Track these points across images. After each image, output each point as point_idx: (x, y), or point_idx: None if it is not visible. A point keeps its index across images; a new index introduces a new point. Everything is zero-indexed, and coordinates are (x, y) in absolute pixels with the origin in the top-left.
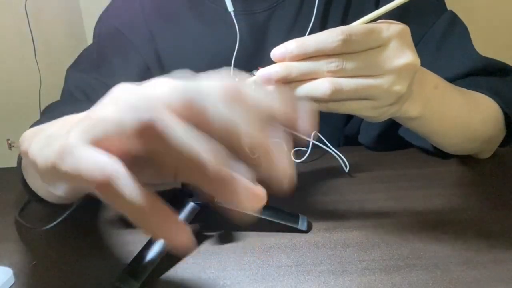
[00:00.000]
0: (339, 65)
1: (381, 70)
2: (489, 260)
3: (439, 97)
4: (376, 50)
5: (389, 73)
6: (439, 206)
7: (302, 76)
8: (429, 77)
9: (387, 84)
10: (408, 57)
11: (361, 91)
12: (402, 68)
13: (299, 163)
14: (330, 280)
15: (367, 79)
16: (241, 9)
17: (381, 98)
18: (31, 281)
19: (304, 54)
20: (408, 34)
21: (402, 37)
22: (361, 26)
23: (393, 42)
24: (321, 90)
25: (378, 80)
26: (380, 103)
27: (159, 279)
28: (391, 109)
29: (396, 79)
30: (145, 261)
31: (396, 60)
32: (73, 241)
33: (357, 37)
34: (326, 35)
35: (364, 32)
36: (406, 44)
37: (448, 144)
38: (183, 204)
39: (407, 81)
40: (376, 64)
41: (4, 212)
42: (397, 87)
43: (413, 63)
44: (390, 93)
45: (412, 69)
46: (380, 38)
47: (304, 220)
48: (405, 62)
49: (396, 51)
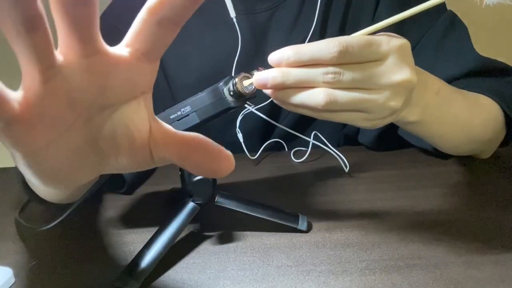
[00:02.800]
0: (335, 77)
1: (377, 85)
2: (489, 260)
3: (440, 102)
4: (374, 64)
5: (385, 89)
6: (439, 206)
7: (299, 84)
8: (431, 82)
9: (382, 99)
10: (406, 73)
11: (356, 104)
12: (399, 85)
13: (299, 163)
14: (330, 280)
15: (362, 93)
16: (242, 9)
17: (375, 112)
18: (31, 281)
19: (301, 61)
20: (408, 49)
21: (402, 52)
22: (360, 37)
23: (392, 57)
24: (315, 100)
25: (373, 94)
26: (374, 116)
27: (159, 279)
28: (384, 121)
29: (391, 95)
30: (145, 261)
31: (393, 76)
32: (73, 241)
33: (355, 49)
34: (324, 45)
35: (362, 45)
36: (405, 60)
37: (448, 145)
38: (183, 204)
39: (403, 97)
40: (373, 78)
41: (4, 212)
42: (392, 102)
43: (410, 80)
44: (385, 108)
45: (409, 86)
46: (378, 51)
47: (304, 220)
48: (402, 79)
49: (394, 66)
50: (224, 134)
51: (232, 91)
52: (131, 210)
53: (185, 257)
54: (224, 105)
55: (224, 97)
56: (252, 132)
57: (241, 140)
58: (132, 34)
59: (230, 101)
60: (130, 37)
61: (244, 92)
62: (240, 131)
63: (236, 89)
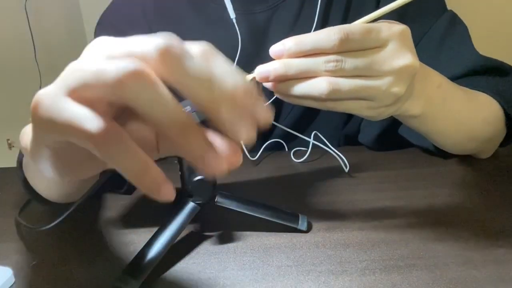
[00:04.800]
0: (337, 65)
1: (379, 71)
2: (489, 260)
3: (442, 96)
4: (375, 51)
5: (388, 75)
6: (439, 206)
7: (300, 74)
8: (433, 76)
9: (385, 85)
10: (408, 58)
11: (359, 92)
12: (401, 70)
13: (299, 163)
14: (330, 280)
15: (365, 80)
16: (242, 9)
17: (379, 99)
18: (31, 281)
19: (302, 51)
20: (408, 35)
21: (402, 38)
22: (360, 25)
23: (393, 43)
24: (318, 90)
25: (376, 81)
26: (378, 104)
27: (159, 279)
28: (389, 109)
29: (394, 81)
30: (145, 261)
31: (395, 62)
32: (73, 241)
33: (355, 37)
34: (324, 34)
35: (363, 32)
36: (406, 45)
37: (449, 143)
38: (183, 204)
39: (406, 83)
40: (375, 64)
41: (4, 212)
42: (395, 88)
43: (412, 65)
44: (388, 95)
45: (411, 71)
46: (379, 38)
47: (304, 220)
48: (404, 64)
49: (395, 52)
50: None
51: None
52: (131, 210)
53: (185, 257)
54: None
55: None
56: None
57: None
58: None
59: None
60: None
61: None
62: None
63: None
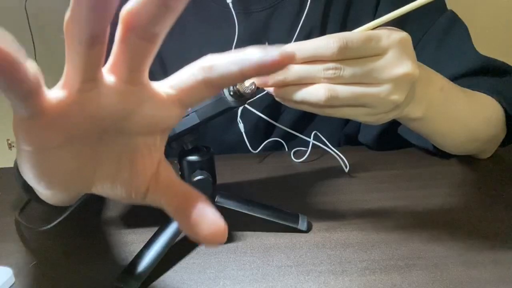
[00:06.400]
0: (336, 73)
1: (378, 79)
2: (489, 260)
3: (443, 99)
4: (375, 59)
5: (387, 82)
6: (439, 206)
7: (299, 80)
8: (435, 79)
9: (384, 93)
10: (407, 66)
11: (357, 99)
12: (400, 78)
13: (299, 163)
14: (330, 280)
15: (363, 87)
16: (241, 8)
17: (377, 106)
18: (31, 281)
19: (301, 58)
20: (408, 42)
21: (402, 46)
22: (360, 33)
23: (392, 51)
24: (316, 96)
25: (375, 88)
26: (377, 111)
27: (159, 279)
28: (388, 115)
29: (393, 89)
30: (145, 261)
31: (394, 70)
32: (73, 241)
33: (355, 45)
34: (323, 42)
35: (362, 40)
36: (406, 53)
37: (450, 144)
38: None
39: (405, 91)
40: (374, 72)
41: (4, 212)
42: (394, 96)
43: (411, 73)
44: (387, 102)
45: (411, 79)
46: (378, 46)
47: (304, 220)
48: (403, 72)
49: (395, 60)
50: (224, 133)
51: (232, 91)
52: (131, 210)
53: (185, 257)
54: (224, 105)
55: (224, 97)
56: (252, 131)
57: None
58: (181, 85)
59: (230, 101)
60: (178, 86)
61: (244, 92)
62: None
63: (236, 89)
